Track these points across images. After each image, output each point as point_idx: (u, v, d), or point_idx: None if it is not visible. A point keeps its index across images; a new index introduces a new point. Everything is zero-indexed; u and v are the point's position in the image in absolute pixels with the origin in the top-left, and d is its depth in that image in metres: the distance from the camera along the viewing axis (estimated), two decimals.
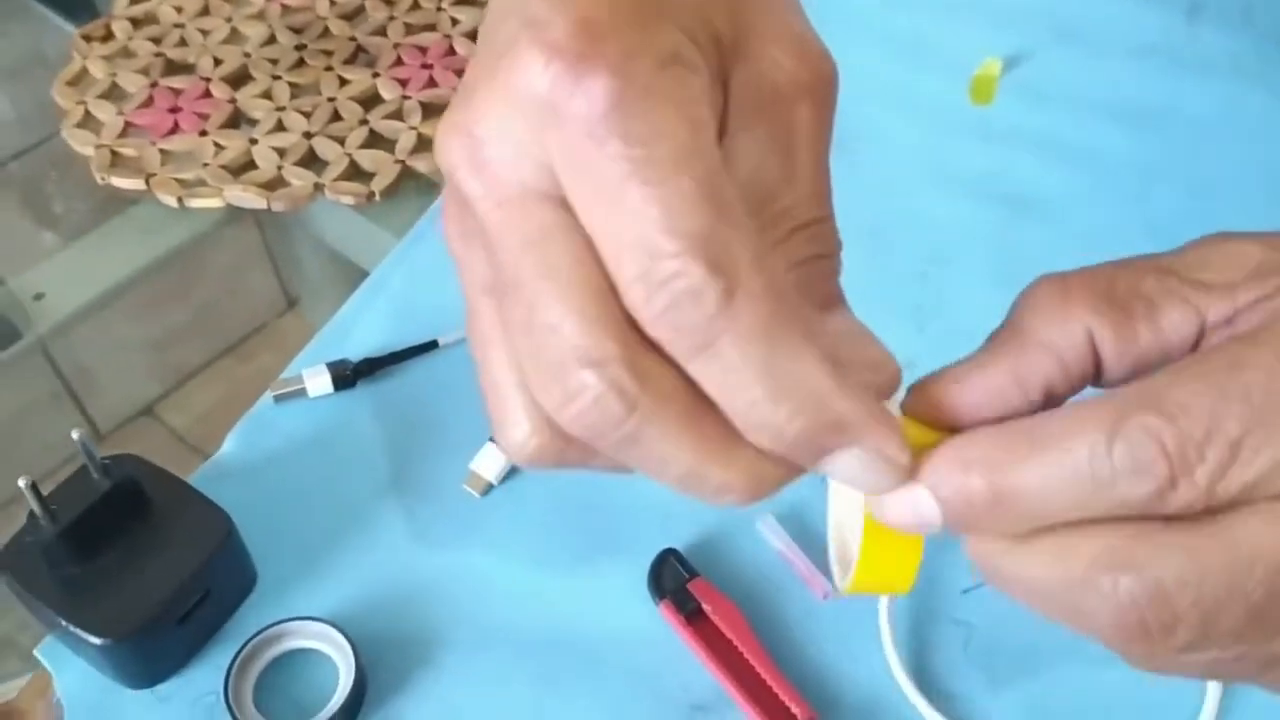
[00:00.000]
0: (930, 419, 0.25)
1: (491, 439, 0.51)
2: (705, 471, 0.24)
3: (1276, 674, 0.23)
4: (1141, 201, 0.59)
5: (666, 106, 0.22)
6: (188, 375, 0.61)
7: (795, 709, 0.43)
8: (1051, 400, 0.25)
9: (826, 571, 0.47)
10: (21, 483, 0.41)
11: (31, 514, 0.43)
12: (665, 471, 0.24)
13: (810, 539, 0.48)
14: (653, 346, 0.23)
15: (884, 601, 0.47)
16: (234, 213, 0.66)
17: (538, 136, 0.23)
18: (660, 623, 0.46)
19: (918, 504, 0.24)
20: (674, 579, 0.47)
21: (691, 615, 0.46)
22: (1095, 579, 0.22)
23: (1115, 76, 0.66)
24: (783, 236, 0.25)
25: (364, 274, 0.60)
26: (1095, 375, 0.25)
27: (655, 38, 0.23)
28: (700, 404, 0.23)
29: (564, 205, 0.23)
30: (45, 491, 0.43)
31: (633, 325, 0.23)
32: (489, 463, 0.51)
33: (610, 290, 0.23)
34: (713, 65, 0.24)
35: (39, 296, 0.65)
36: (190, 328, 0.64)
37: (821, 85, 0.25)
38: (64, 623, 0.43)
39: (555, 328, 0.23)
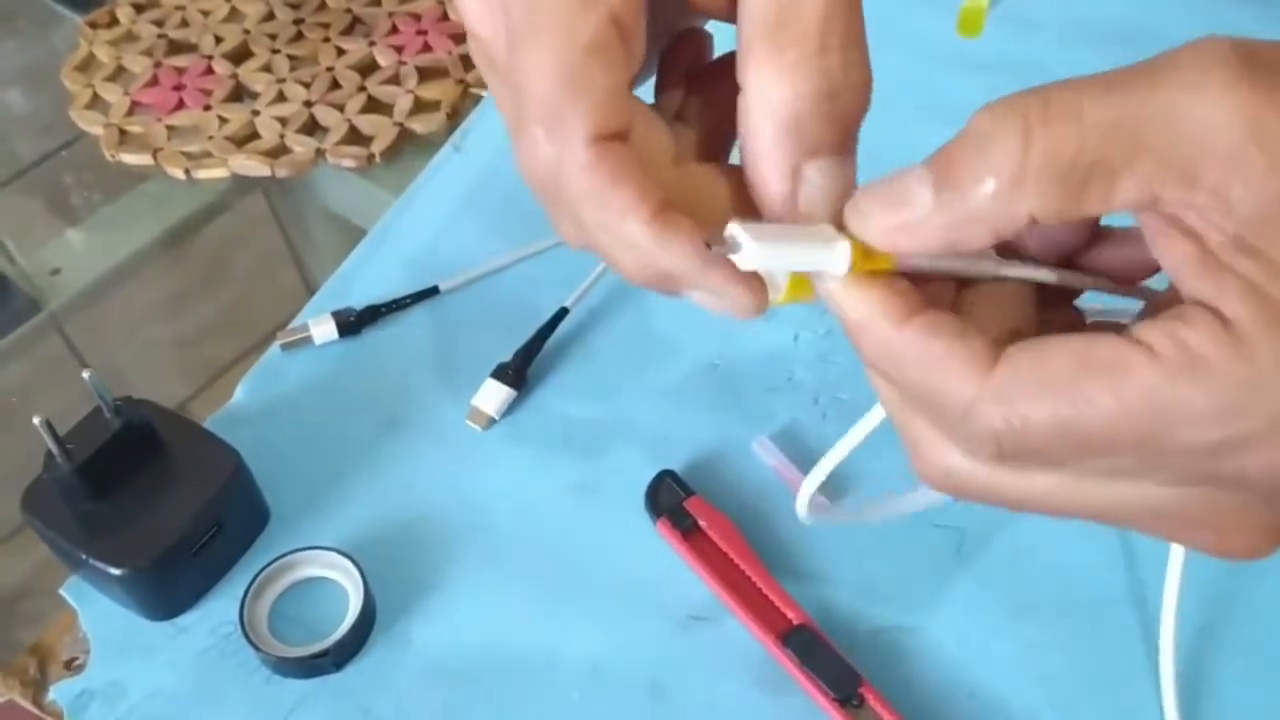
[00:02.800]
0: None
1: (492, 375, 0.53)
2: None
3: None
4: None
5: None
6: (205, 330, 0.63)
7: (789, 613, 0.44)
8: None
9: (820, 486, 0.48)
10: (36, 420, 0.42)
11: (49, 453, 0.44)
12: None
13: (803, 456, 0.49)
14: None
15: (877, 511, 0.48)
16: (242, 183, 0.68)
17: None
18: (658, 540, 0.47)
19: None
20: (670, 498, 0.48)
21: (688, 531, 0.47)
22: (924, 458, 0.28)
23: (1102, 3, 0.67)
24: (788, 66, 0.26)
25: (366, 233, 0.61)
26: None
27: None
28: None
29: None
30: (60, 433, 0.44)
31: None
32: (490, 398, 0.52)
33: None
34: None
35: (55, 272, 0.67)
36: (205, 297, 0.65)
37: None
38: (84, 556, 0.44)
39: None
